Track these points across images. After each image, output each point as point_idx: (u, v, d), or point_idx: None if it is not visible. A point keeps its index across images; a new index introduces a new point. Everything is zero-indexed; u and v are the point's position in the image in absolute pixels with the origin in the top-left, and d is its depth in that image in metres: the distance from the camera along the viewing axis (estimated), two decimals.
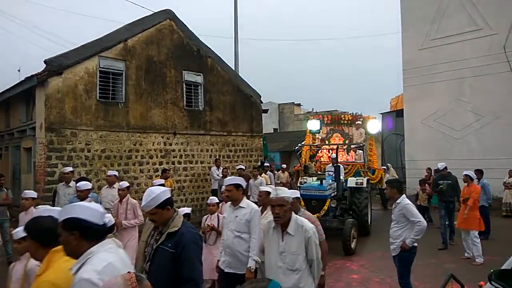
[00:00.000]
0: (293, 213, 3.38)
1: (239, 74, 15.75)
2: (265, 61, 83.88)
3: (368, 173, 10.98)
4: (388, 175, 13.22)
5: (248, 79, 15.47)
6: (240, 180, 4.35)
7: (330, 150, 11.91)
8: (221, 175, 11.62)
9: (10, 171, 12.93)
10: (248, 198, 6.10)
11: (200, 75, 13.57)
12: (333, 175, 9.51)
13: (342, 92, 79.66)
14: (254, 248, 3.93)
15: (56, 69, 10.02)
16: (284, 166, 14.84)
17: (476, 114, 14.20)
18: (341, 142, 11.60)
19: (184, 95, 13.05)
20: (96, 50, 10.81)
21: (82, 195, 6.12)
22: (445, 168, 9.12)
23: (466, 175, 8.06)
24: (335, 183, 9.29)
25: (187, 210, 5.29)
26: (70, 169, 8.69)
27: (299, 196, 4.23)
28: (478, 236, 7.62)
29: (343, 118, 11.84)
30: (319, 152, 11.93)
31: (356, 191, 9.83)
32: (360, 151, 11.27)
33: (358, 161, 11.17)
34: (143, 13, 17.79)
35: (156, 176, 12.05)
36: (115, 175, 7.92)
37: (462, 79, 14.56)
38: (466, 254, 7.75)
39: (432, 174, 12.71)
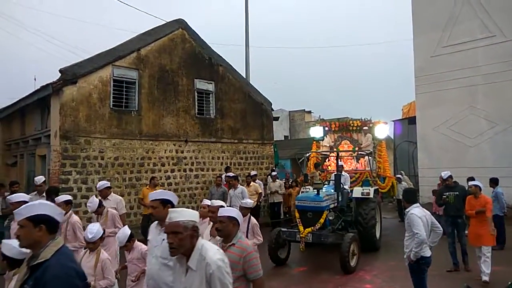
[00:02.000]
0: (200, 240, 2.63)
1: (250, 82, 15.84)
2: (276, 68, 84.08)
3: (378, 181, 10.47)
4: (404, 184, 12.78)
5: (259, 86, 15.55)
6: (170, 195, 3.59)
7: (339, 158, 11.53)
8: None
9: (25, 179, 13.13)
10: None
11: (211, 83, 13.68)
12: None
13: (354, 99, 79.35)
14: None
15: (70, 78, 10.20)
16: (274, 173, 13.03)
17: (489, 121, 14.02)
18: (350, 149, 11.08)
19: (196, 103, 13.16)
20: (110, 59, 10.99)
21: (15, 209, 5.30)
22: (450, 177, 8.06)
23: (475, 185, 7.23)
24: (336, 193, 8.63)
25: (127, 231, 4.57)
26: (43, 179, 8.15)
27: (233, 215, 3.35)
28: (491, 251, 6.86)
29: (352, 124, 11.17)
30: (327, 160, 11.39)
31: (362, 202, 9.11)
32: (370, 157, 10.55)
33: (367, 169, 10.49)
34: (156, 22, 18.00)
35: (166, 185, 12.15)
36: (108, 187, 7.07)
37: (475, 86, 14.40)
38: (484, 277, 6.62)
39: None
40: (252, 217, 5.76)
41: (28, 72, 48.96)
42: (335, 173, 9.02)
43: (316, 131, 10.66)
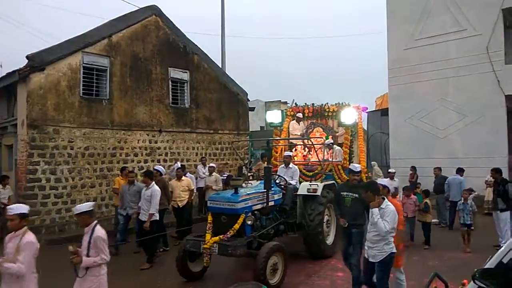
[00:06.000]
0: None
1: (226, 72, 15.68)
2: (252, 59, 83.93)
3: (343, 175, 8.78)
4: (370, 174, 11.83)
5: (235, 77, 15.43)
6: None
7: (306, 148, 10.02)
8: (208, 173, 11.44)
9: None
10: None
11: (186, 72, 13.46)
12: (281, 179, 7.78)
13: (331, 90, 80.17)
14: None
15: (38, 64, 9.82)
16: (213, 165, 11.21)
17: (459, 113, 14.42)
18: (323, 137, 9.81)
19: (170, 92, 12.93)
20: (80, 46, 10.62)
21: None
22: (355, 172, 6.19)
23: (383, 186, 5.27)
24: (266, 191, 6.95)
25: None
26: None
27: None
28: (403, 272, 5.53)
29: (327, 110, 9.84)
30: (293, 150, 9.92)
31: (309, 201, 7.62)
32: (338, 147, 9.34)
33: (335, 161, 9.05)
34: (128, 9, 17.51)
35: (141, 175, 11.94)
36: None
37: (446, 79, 14.76)
38: None
39: (417, 173, 12.88)
40: (97, 228, 4.17)
41: None
42: (265, 165, 7.72)
43: (273, 116, 9.43)
